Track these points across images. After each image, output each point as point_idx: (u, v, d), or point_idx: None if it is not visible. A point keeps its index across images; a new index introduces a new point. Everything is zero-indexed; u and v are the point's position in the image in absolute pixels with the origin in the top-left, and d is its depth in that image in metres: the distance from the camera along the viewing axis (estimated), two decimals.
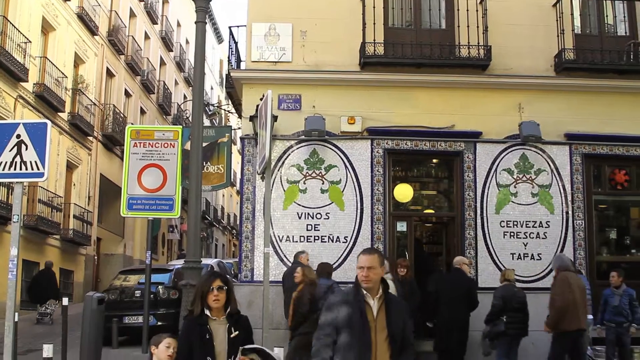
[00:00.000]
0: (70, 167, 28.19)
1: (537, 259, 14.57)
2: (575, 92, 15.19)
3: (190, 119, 17.49)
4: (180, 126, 19.31)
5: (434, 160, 15.84)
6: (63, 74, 26.29)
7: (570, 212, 14.79)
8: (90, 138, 29.87)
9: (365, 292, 5.27)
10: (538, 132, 14.63)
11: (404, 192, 15.24)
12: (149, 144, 15.50)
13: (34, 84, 24.39)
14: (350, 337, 5.12)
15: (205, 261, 19.58)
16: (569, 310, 10.67)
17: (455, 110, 14.90)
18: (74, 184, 28.54)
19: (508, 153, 14.87)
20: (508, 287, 12.09)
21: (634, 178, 15.59)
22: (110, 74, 32.61)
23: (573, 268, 11.89)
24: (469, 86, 15.04)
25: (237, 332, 5.47)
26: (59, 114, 26.17)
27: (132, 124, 31.78)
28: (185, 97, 45.56)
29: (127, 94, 35.00)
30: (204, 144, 14.86)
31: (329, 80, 14.98)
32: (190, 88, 43.52)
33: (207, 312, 5.49)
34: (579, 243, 14.72)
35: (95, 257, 30.36)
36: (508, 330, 11.75)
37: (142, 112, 37.23)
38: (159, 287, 16.45)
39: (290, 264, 13.65)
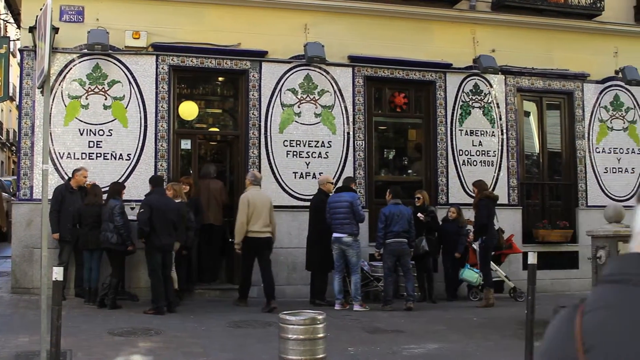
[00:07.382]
0: None
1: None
2: (360, 15, 15.51)
3: None
4: None
5: (220, 79, 15.79)
6: None
7: (351, 133, 15.25)
8: None
9: None
10: (323, 54, 14.86)
11: (188, 110, 15.11)
12: None
13: None
14: None
15: None
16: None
17: (242, 28, 14.81)
18: None
19: (293, 73, 15.04)
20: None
21: (413, 101, 16.23)
22: None
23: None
24: (256, 5, 14.97)
25: None
26: None
27: None
28: None
29: None
30: None
31: None
32: None
33: None
34: (359, 163, 15.25)
35: None
36: None
37: None
38: None
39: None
